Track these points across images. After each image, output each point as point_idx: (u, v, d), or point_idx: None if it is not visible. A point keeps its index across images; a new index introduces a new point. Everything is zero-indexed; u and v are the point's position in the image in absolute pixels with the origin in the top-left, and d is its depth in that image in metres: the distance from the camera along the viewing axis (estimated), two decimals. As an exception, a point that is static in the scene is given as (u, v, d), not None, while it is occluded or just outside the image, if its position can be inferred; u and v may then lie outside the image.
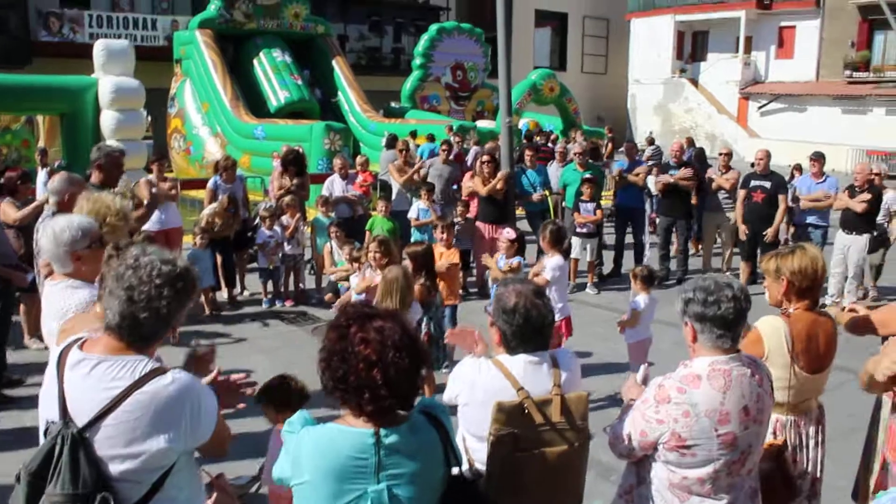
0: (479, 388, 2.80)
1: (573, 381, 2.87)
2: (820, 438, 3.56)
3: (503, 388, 2.74)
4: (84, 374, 2.29)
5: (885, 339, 3.53)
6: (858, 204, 9.19)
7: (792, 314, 3.44)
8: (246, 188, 10.29)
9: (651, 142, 18.23)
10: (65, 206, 4.88)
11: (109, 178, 6.44)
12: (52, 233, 3.42)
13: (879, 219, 9.79)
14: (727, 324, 2.68)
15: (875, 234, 9.55)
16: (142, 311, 2.31)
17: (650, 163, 12.89)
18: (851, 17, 33.25)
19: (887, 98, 30.29)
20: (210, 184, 9.84)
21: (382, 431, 2.14)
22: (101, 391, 2.25)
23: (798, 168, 12.79)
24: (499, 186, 9.60)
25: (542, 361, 2.83)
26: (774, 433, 3.43)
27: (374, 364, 2.08)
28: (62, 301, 3.35)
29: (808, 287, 3.43)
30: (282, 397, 3.92)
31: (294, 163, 10.35)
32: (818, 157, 10.27)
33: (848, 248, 9.36)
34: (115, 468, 2.23)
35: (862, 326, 3.70)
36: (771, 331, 3.39)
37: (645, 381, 3.00)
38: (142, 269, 2.34)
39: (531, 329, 2.80)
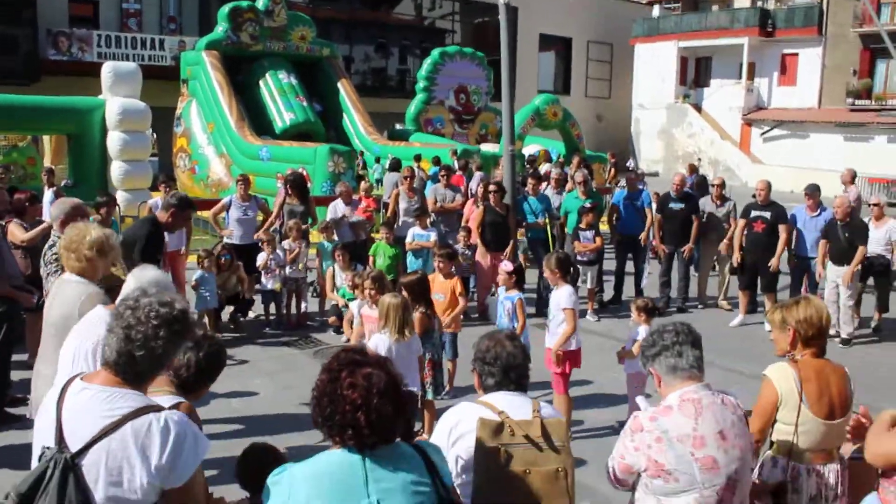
0: (463, 422, 2.94)
1: (554, 412, 3.09)
2: (840, 491, 3.50)
3: (485, 413, 2.92)
4: (83, 401, 2.41)
5: None
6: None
7: (800, 360, 3.52)
8: (267, 208, 10.48)
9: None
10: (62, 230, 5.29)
11: (176, 223, 6.70)
12: (138, 283, 3.65)
13: (881, 249, 9.79)
14: (676, 352, 2.99)
15: (866, 263, 9.58)
16: (138, 350, 2.44)
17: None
18: (853, 46, 33.50)
19: (889, 126, 30.46)
20: (225, 200, 10.13)
21: (367, 451, 2.29)
22: (97, 419, 2.36)
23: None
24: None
25: (522, 395, 3.05)
26: (792, 480, 3.46)
27: (359, 408, 2.25)
28: None
29: (814, 335, 3.52)
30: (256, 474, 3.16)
31: (295, 184, 10.47)
32: (813, 191, 10.18)
33: (836, 281, 9.41)
34: (99, 496, 2.33)
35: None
36: (781, 376, 3.48)
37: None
38: (140, 309, 2.48)
39: (503, 372, 3.03)
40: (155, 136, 21.35)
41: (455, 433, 2.94)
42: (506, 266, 6.92)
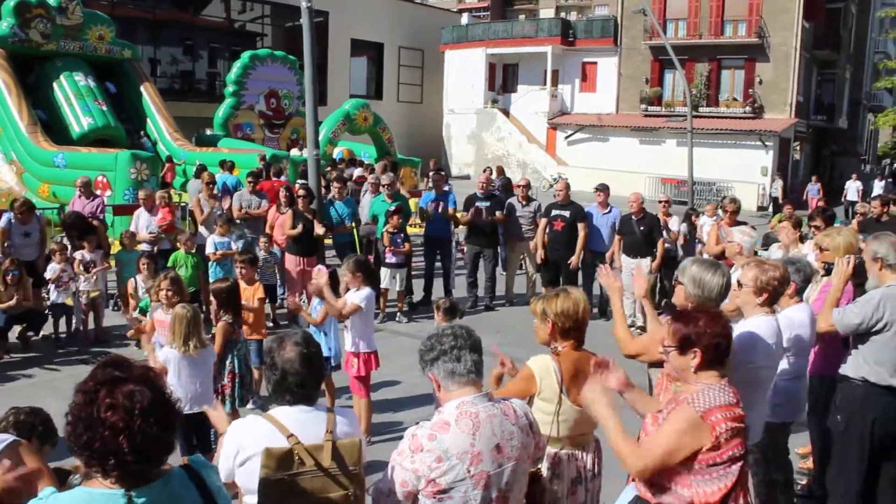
0: (249, 442, 2.80)
1: (350, 427, 2.93)
2: (597, 470, 3.78)
3: (273, 436, 2.77)
4: None
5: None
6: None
7: (561, 352, 3.69)
8: (44, 228, 9.77)
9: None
10: None
11: None
12: None
13: (669, 244, 10.63)
14: (454, 357, 2.87)
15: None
16: None
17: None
18: (645, 57, 36.01)
19: (677, 130, 32.85)
20: (3, 221, 9.28)
21: (133, 493, 2.07)
22: None
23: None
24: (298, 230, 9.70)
25: (317, 410, 2.90)
26: (553, 467, 3.62)
27: (121, 431, 2.01)
28: None
29: (571, 327, 3.69)
30: None
31: (74, 227, 9.81)
32: (603, 189, 10.90)
33: (632, 272, 10.09)
34: None
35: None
36: (542, 368, 3.62)
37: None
38: None
39: (296, 381, 2.86)
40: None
41: (241, 455, 2.81)
42: (321, 272, 6.90)
